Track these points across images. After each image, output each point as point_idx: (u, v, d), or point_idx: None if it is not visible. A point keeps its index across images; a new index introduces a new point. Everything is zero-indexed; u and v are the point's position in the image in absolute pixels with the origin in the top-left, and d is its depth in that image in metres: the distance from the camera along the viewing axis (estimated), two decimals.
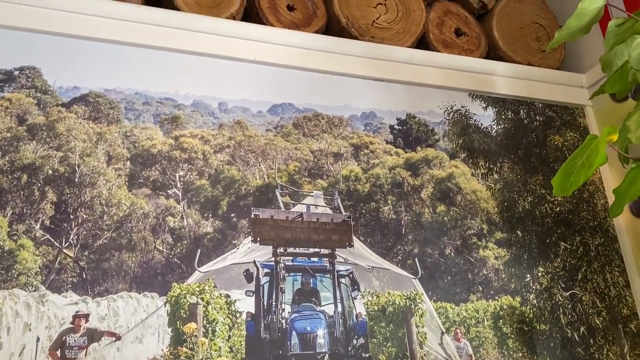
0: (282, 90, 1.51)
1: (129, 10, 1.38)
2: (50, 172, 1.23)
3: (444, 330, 1.39)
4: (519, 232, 1.56)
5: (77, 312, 1.12)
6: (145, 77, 1.37)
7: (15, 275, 1.11)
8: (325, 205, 1.42)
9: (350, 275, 1.35)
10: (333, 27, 1.66)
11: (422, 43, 1.76)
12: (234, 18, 1.54)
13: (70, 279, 1.16)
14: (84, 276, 1.17)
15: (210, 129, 1.42)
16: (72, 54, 1.31)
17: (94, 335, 1.12)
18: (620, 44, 1.09)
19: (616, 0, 1.74)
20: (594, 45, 1.85)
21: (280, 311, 1.27)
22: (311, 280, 1.34)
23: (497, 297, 1.47)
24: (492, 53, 1.86)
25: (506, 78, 1.73)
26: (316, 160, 1.50)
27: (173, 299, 1.19)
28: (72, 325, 1.10)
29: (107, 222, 1.23)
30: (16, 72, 1.27)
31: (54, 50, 1.30)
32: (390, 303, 1.35)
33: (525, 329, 1.46)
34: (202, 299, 1.20)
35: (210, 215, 1.33)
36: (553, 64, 1.90)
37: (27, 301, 1.09)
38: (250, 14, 1.59)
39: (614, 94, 1.35)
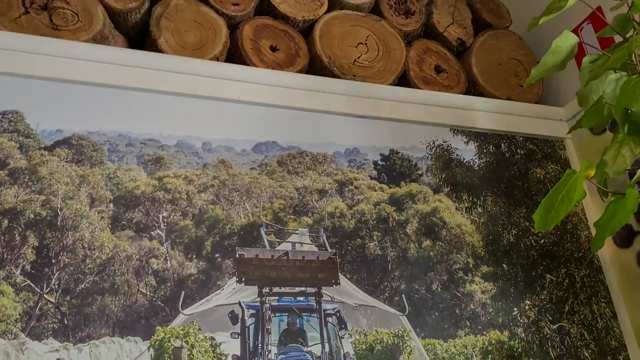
0: (266, 128, 1.52)
1: (113, 53, 1.39)
2: (32, 216, 1.21)
3: None
4: (504, 265, 1.57)
5: (57, 359, 1.09)
6: (129, 118, 1.38)
7: None
8: (310, 242, 1.42)
9: (337, 314, 1.34)
10: (315, 67, 1.68)
11: (403, 80, 1.79)
12: (218, 60, 1.55)
13: (51, 325, 1.14)
14: (66, 322, 1.15)
15: (194, 168, 1.42)
16: (55, 97, 1.31)
17: None
18: (594, 79, 1.12)
19: (589, 37, 1.79)
20: (572, 78, 1.89)
21: (267, 353, 1.25)
22: (297, 320, 1.32)
23: (485, 332, 1.46)
24: (472, 89, 1.89)
25: (486, 113, 1.76)
26: (301, 197, 1.50)
27: (157, 343, 1.17)
28: None
29: (89, 266, 1.21)
30: None
31: (37, 94, 1.30)
32: (378, 341, 1.33)
33: None
34: (187, 342, 1.18)
35: (194, 256, 1.32)
36: (532, 98, 1.94)
37: (6, 350, 1.06)
38: (234, 55, 1.61)
39: None
